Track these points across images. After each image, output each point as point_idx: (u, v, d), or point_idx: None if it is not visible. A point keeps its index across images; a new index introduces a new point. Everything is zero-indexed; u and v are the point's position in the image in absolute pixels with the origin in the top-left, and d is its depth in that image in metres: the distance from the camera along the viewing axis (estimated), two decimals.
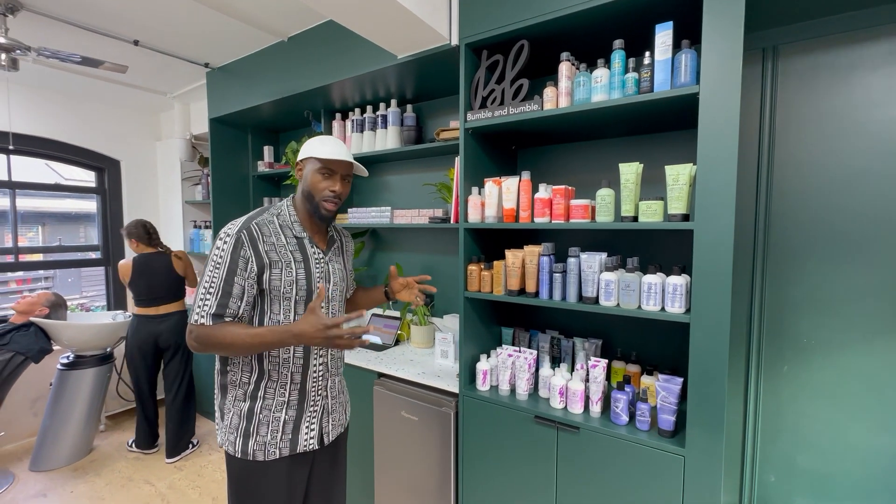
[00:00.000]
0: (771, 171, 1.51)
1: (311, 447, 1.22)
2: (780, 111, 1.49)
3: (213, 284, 1.07)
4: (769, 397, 1.54)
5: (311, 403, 1.22)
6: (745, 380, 1.58)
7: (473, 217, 1.63)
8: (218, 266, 1.08)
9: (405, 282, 1.43)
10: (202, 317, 1.06)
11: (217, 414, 1.21)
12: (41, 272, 3.45)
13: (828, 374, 1.45)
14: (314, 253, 1.21)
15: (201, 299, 1.07)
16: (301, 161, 1.22)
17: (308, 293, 1.18)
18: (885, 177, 1.34)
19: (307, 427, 1.21)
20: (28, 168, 3.14)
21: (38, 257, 3.26)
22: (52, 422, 2.63)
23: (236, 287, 1.07)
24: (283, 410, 1.18)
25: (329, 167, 1.17)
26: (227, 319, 1.07)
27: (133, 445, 2.84)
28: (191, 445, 2.81)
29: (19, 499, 2.32)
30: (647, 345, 1.68)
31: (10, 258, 3.03)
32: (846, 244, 1.41)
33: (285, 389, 1.18)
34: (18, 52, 2.01)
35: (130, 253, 2.90)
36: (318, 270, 1.21)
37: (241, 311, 1.08)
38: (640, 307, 1.31)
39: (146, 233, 2.68)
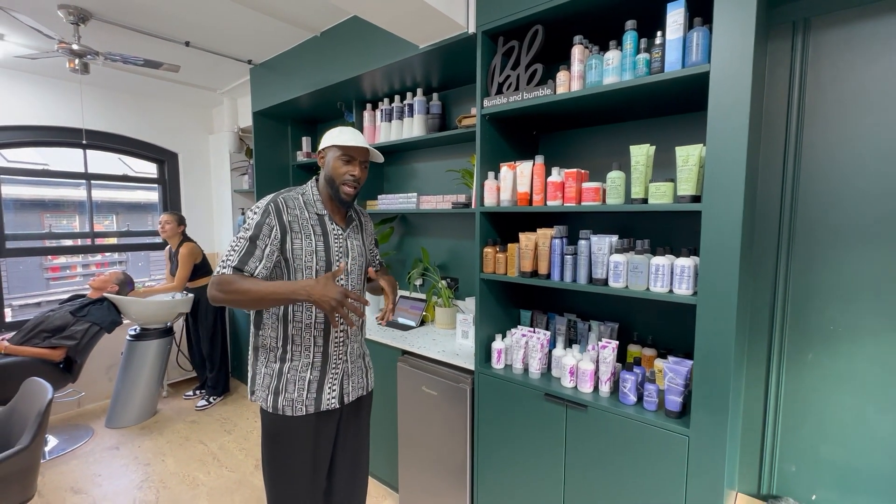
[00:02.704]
0: (799, 152, 1.44)
1: (332, 406, 1.34)
2: (810, 88, 1.41)
3: (238, 244, 1.22)
4: (792, 385, 1.50)
5: (333, 366, 1.35)
6: (767, 366, 1.54)
7: (489, 201, 1.68)
8: (248, 229, 1.22)
9: (379, 286, 1.47)
10: (224, 268, 1.20)
11: (250, 372, 1.36)
12: (116, 256, 3.87)
13: (856, 362, 1.39)
14: (333, 229, 1.33)
15: (227, 254, 1.22)
16: (323, 150, 1.34)
17: (327, 263, 1.30)
18: None
19: (329, 388, 1.34)
20: (104, 162, 3.53)
21: (113, 241, 3.65)
22: (123, 386, 2.98)
23: (258, 250, 1.21)
24: (309, 371, 1.31)
25: (348, 154, 1.28)
26: (245, 274, 1.20)
27: (212, 399, 3.32)
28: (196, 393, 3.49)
29: (97, 450, 2.67)
30: (663, 329, 1.67)
31: (88, 241, 3.43)
32: (878, 227, 1.33)
33: (310, 352, 1.31)
34: (89, 56, 2.26)
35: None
36: (336, 245, 1.32)
37: (257, 271, 1.21)
38: (648, 289, 1.32)
39: (184, 223, 3.28)
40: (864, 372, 1.37)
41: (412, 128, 2.31)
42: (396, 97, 2.42)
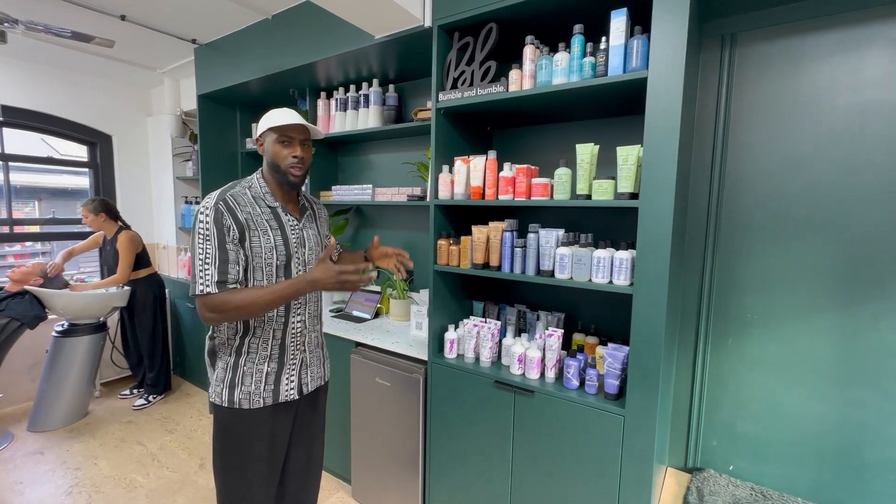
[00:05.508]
0: (724, 155, 1.58)
1: (291, 397, 1.32)
2: (735, 97, 1.55)
3: (208, 255, 1.12)
4: (714, 368, 1.65)
5: (291, 357, 1.32)
6: (694, 351, 1.68)
7: (444, 194, 1.70)
8: (208, 238, 1.13)
9: (384, 251, 1.54)
10: (207, 286, 1.10)
11: (209, 372, 1.31)
12: (38, 247, 3.54)
13: (768, 346, 1.55)
14: (288, 220, 1.29)
15: (201, 270, 1.11)
16: (260, 136, 1.28)
17: (288, 258, 1.26)
18: (827, 161, 1.42)
19: (287, 379, 1.31)
20: (24, 143, 3.20)
21: (35, 229, 3.34)
22: (49, 386, 2.75)
23: (230, 253, 1.14)
24: (266, 363, 1.27)
25: (286, 134, 1.24)
26: (230, 286, 1.13)
27: (151, 398, 3.15)
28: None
29: (18, 455, 2.45)
30: (606, 318, 1.78)
31: (5, 229, 3.11)
32: (790, 225, 1.49)
33: (268, 344, 1.28)
34: (6, 24, 2.05)
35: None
36: (293, 236, 1.29)
37: (240, 276, 1.16)
38: (590, 280, 1.40)
39: (114, 210, 3.04)
40: (775, 355, 1.54)
41: (368, 119, 2.29)
42: (352, 87, 2.38)
